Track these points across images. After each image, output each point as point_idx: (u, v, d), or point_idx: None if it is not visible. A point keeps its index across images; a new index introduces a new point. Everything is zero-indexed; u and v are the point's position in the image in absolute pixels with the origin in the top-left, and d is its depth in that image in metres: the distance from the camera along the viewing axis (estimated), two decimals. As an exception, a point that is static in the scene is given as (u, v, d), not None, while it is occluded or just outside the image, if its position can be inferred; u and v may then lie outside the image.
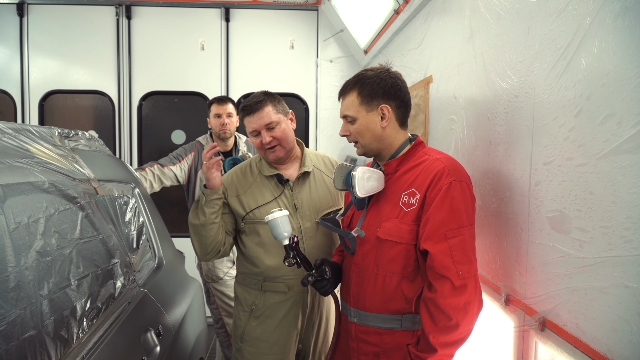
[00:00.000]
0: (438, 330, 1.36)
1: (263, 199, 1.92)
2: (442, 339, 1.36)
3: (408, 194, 1.47)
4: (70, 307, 1.21)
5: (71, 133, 1.81)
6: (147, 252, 1.93)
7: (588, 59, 1.14)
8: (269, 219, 1.60)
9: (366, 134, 1.54)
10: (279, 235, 1.60)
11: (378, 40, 3.48)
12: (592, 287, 1.11)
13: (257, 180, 1.96)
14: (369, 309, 1.53)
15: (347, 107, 1.56)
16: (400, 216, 1.47)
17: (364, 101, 1.53)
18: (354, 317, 1.58)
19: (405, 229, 1.45)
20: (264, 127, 1.86)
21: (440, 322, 1.36)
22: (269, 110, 1.87)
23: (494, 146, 1.64)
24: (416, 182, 1.47)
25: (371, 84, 1.52)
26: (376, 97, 1.52)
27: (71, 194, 1.45)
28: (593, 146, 1.11)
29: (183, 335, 1.90)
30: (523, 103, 1.45)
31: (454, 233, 1.37)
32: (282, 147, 1.90)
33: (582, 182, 1.15)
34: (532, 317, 1.35)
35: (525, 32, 1.44)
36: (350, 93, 1.55)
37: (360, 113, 1.53)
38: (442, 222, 1.37)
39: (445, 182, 1.40)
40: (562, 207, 1.23)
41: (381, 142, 1.55)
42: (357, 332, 1.57)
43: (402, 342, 1.50)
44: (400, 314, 1.49)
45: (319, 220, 1.87)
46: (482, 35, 1.77)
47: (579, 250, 1.16)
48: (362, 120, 1.53)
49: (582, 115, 1.16)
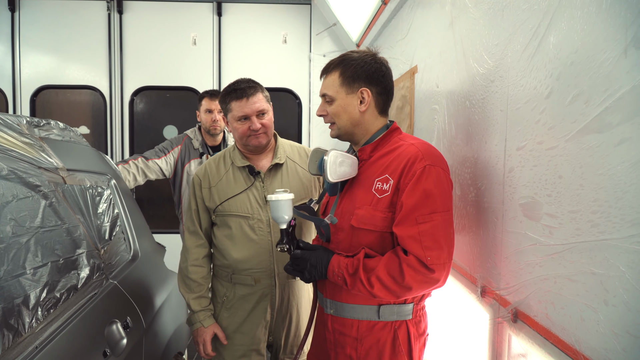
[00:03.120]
0: (384, 270, 1.33)
1: (232, 191, 1.89)
2: (382, 276, 1.33)
3: (381, 180, 1.42)
4: (23, 296, 1.17)
5: (42, 122, 1.78)
6: (120, 244, 1.89)
7: (557, 38, 1.09)
8: (272, 199, 1.49)
9: (343, 115, 1.49)
10: (279, 218, 1.50)
11: (369, 32, 3.44)
12: (560, 275, 1.06)
13: (230, 171, 1.93)
14: (345, 300, 1.49)
15: (327, 86, 1.51)
16: (373, 203, 1.42)
17: (345, 82, 1.47)
18: (330, 309, 1.53)
19: (379, 217, 1.40)
20: (255, 112, 1.85)
21: (393, 272, 1.32)
22: (261, 97, 1.88)
23: (473, 134, 1.59)
24: (390, 167, 1.42)
25: (355, 65, 1.47)
26: (358, 79, 1.47)
27: (33, 182, 1.41)
28: (562, 128, 1.06)
29: (157, 329, 1.86)
30: (498, 87, 1.40)
31: (425, 218, 1.31)
32: (266, 135, 1.89)
33: (552, 166, 1.10)
34: (505, 309, 1.30)
35: (501, 14, 1.39)
36: (333, 72, 1.50)
37: (339, 94, 1.48)
38: (415, 207, 1.32)
39: (419, 166, 1.35)
40: (533, 193, 1.18)
41: (357, 126, 1.50)
42: (333, 324, 1.52)
43: (379, 335, 1.46)
44: (377, 303, 1.45)
45: None
46: (461, 21, 1.72)
47: (548, 237, 1.11)
48: (341, 102, 1.48)
49: (553, 96, 1.11)
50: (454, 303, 1.75)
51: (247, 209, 1.87)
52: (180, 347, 2.22)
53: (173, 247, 3.21)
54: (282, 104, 4.45)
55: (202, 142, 3.04)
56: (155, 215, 4.54)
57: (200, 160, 2.98)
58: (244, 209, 1.87)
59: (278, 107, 4.65)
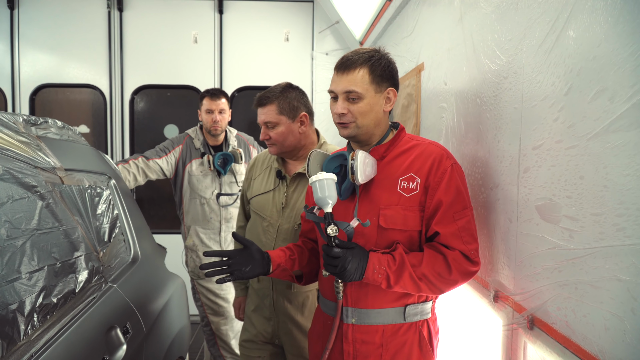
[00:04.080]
0: (429, 267, 1.35)
1: (262, 189, 1.98)
2: (427, 272, 1.34)
3: (406, 179, 1.42)
4: (18, 302, 1.12)
5: (39, 120, 1.73)
6: (120, 245, 1.84)
7: (578, 31, 1.04)
8: (313, 179, 1.37)
9: (369, 115, 1.43)
10: (323, 199, 1.36)
11: (372, 30, 3.38)
12: (582, 281, 1.01)
13: (268, 169, 2.01)
14: (371, 305, 1.43)
15: (354, 82, 1.41)
16: (401, 202, 1.41)
17: (374, 80, 1.42)
18: (351, 318, 1.45)
19: (410, 216, 1.40)
20: (262, 123, 1.89)
21: (438, 268, 1.35)
22: (272, 109, 1.86)
23: (484, 132, 1.54)
24: (413, 166, 1.42)
25: (383, 65, 1.43)
26: (386, 79, 1.44)
27: (30, 182, 1.36)
28: (584, 126, 1.01)
29: (158, 333, 1.81)
30: (512, 84, 1.34)
31: (460, 215, 1.38)
32: (276, 147, 1.89)
33: (572, 166, 1.05)
34: (520, 315, 1.25)
35: (515, 8, 1.34)
36: (360, 69, 1.41)
37: (369, 92, 1.41)
38: (451, 204, 1.37)
39: (447, 164, 1.40)
40: (551, 194, 1.13)
41: (378, 126, 1.47)
42: (354, 334, 1.44)
43: (405, 338, 1.42)
44: (403, 305, 1.43)
45: (297, 225, 1.85)
46: (471, 16, 1.66)
47: (568, 240, 1.05)
48: (370, 100, 1.42)
49: (573, 93, 1.05)
50: (464, 307, 1.70)
51: (266, 211, 1.93)
52: (182, 352, 2.17)
53: (174, 248, 3.17)
54: (284, 103, 4.39)
55: (203, 142, 2.99)
56: (156, 215, 4.49)
57: (202, 161, 2.93)
58: (264, 210, 1.94)
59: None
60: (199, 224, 2.96)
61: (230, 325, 3.01)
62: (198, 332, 4.00)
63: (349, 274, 1.32)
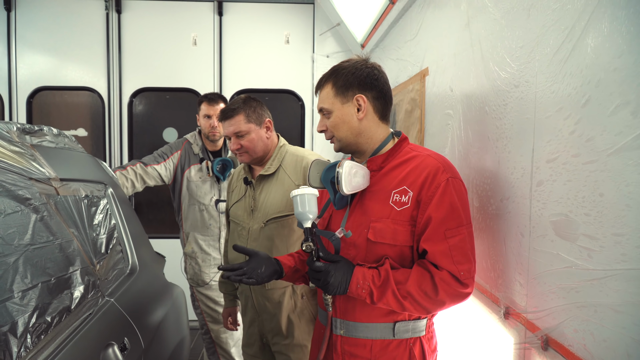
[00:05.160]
0: (415, 285, 1.29)
1: (235, 198, 2.09)
2: (412, 291, 1.28)
3: (399, 192, 1.37)
4: (10, 323, 1.07)
5: (34, 128, 1.68)
6: (117, 257, 1.79)
7: (597, 40, 0.99)
8: (294, 194, 1.38)
9: (342, 127, 1.43)
10: (302, 214, 1.37)
11: (374, 33, 3.33)
12: (602, 303, 0.96)
13: (241, 179, 2.09)
14: (359, 319, 1.40)
15: (322, 99, 1.47)
16: (392, 216, 1.36)
17: (338, 92, 1.43)
18: (340, 329, 1.44)
19: (400, 230, 1.35)
20: (232, 134, 1.97)
21: (425, 287, 1.28)
22: (240, 120, 1.95)
23: (492, 142, 1.49)
24: (407, 179, 1.37)
25: (346, 74, 1.43)
26: (351, 87, 1.42)
27: (23, 194, 1.31)
28: (603, 140, 0.96)
29: (157, 348, 1.76)
30: (524, 93, 1.30)
31: (453, 232, 1.30)
32: (248, 154, 1.99)
33: (591, 182, 1.00)
34: (534, 334, 1.20)
35: (526, 14, 1.29)
36: (325, 85, 1.46)
37: (335, 105, 1.44)
38: (443, 221, 1.30)
39: (442, 178, 1.32)
40: (567, 210, 1.08)
41: (359, 136, 1.44)
42: (343, 346, 1.43)
43: (395, 355, 1.38)
44: (392, 321, 1.38)
45: (264, 223, 1.94)
46: (479, 21, 1.61)
47: (587, 260, 1.01)
48: (338, 113, 1.44)
49: (591, 105, 1.01)
50: (471, 321, 1.65)
51: (239, 217, 2.04)
52: (181, 364, 2.12)
53: (173, 253, 3.12)
54: (284, 106, 4.35)
55: (202, 147, 2.94)
56: (155, 220, 4.44)
57: (200, 166, 2.88)
58: (237, 217, 2.05)
59: (280, 109, 4.56)
60: (198, 231, 2.91)
61: (230, 333, 2.96)
62: (197, 339, 3.94)
63: (332, 287, 1.32)
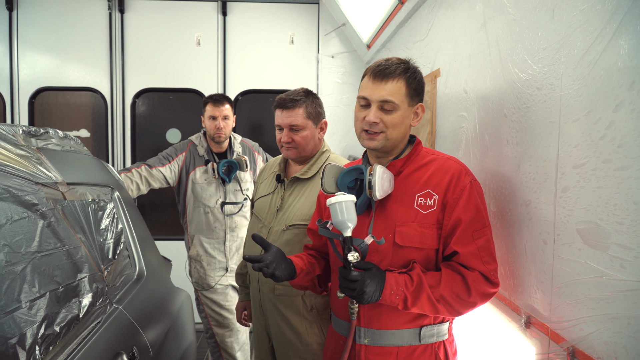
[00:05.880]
0: (447, 288, 1.29)
1: (263, 192, 1.98)
2: (445, 294, 1.29)
3: (423, 195, 1.36)
4: (19, 335, 1.03)
5: (40, 131, 1.64)
6: (125, 262, 1.75)
7: (631, 41, 0.95)
8: (333, 201, 1.28)
9: (399, 128, 1.39)
10: (342, 223, 1.28)
11: (381, 33, 3.29)
12: (637, 315, 0.92)
13: (273, 173, 1.99)
14: (385, 326, 1.37)
15: (392, 92, 1.35)
16: (418, 219, 1.35)
17: (409, 93, 1.39)
18: (364, 339, 1.40)
19: (427, 234, 1.35)
20: (287, 126, 1.83)
21: (457, 289, 1.30)
22: (299, 113, 1.83)
23: (512, 146, 1.45)
24: (430, 182, 1.37)
25: (419, 79, 1.41)
26: (418, 94, 1.42)
27: (30, 200, 1.27)
28: (638, 146, 0.92)
29: (164, 356, 1.72)
30: (547, 96, 1.26)
31: (479, 234, 1.33)
32: (297, 151, 1.86)
33: (624, 190, 0.96)
34: (559, 345, 1.16)
35: (550, 15, 1.25)
36: (399, 79, 1.36)
37: (403, 104, 1.38)
38: (471, 223, 1.32)
39: (466, 181, 1.35)
40: (597, 218, 1.04)
41: (402, 140, 1.44)
42: (367, 355, 1.39)
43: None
44: (419, 326, 1.37)
45: (286, 226, 1.83)
46: (497, 22, 1.58)
47: (619, 270, 0.97)
48: (403, 113, 1.38)
49: (624, 109, 0.97)
50: (490, 330, 1.61)
51: (263, 213, 1.92)
52: (188, 370, 2.08)
53: (177, 256, 3.07)
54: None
55: (207, 149, 2.90)
56: (158, 222, 4.39)
57: (206, 168, 2.84)
58: (261, 212, 1.93)
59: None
60: (203, 233, 2.87)
61: (235, 338, 2.92)
62: (201, 342, 3.90)
63: (367, 296, 1.26)
